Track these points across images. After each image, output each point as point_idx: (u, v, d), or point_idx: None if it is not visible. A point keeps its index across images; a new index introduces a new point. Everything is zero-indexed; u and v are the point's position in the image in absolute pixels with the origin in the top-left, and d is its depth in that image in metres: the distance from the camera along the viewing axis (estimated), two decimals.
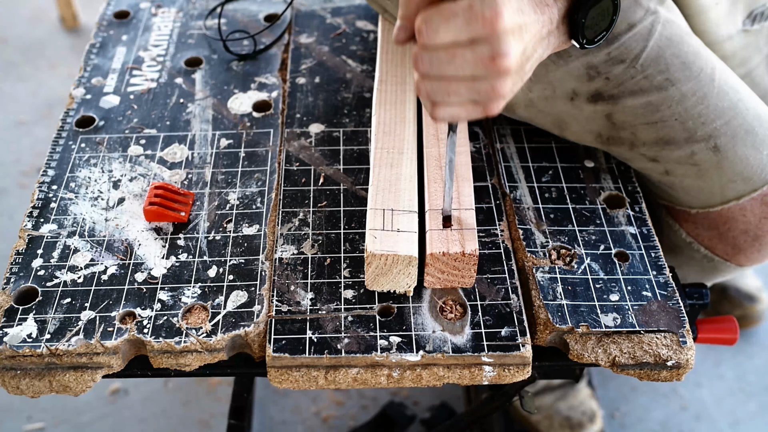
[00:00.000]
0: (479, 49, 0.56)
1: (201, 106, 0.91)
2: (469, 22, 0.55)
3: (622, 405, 1.29)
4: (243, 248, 0.75)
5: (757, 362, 1.35)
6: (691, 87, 0.75)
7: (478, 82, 0.58)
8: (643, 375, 0.68)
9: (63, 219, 0.77)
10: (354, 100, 0.91)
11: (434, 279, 0.70)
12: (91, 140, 0.86)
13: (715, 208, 0.79)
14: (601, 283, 0.72)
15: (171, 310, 0.69)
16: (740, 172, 0.76)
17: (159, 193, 0.77)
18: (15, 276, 0.72)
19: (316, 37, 1.01)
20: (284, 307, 0.70)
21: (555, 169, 0.83)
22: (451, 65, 0.57)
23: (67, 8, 2.04)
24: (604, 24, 0.66)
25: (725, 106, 0.75)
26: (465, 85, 0.58)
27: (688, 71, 0.75)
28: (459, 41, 0.56)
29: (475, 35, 0.55)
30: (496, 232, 0.77)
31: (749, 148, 0.76)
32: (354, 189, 0.81)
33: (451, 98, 0.59)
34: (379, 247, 0.67)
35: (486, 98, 0.59)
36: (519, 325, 0.68)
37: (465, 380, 0.68)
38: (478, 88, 0.58)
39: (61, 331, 0.67)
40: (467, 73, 0.57)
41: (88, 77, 0.95)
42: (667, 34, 0.75)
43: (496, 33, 0.55)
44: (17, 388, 0.68)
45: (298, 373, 0.67)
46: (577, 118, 0.80)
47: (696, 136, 0.75)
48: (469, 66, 0.57)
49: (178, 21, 1.04)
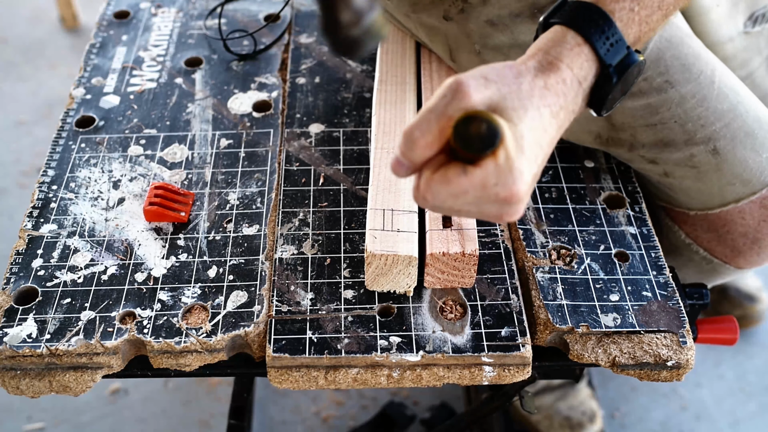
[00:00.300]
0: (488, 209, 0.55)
1: (201, 106, 0.91)
2: (479, 198, 0.53)
3: (622, 405, 1.29)
4: (243, 248, 0.75)
5: (757, 362, 1.35)
6: (690, 89, 0.75)
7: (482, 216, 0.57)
8: (643, 375, 0.68)
9: (63, 219, 0.77)
10: (354, 100, 0.91)
11: (434, 279, 0.70)
12: (91, 140, 0.86)
13: (714, 211, 0.79)
14: (601, 283, 0.72)
15: (171, 310, 0.69)
16: (739, 174, 0.76)
17: (159, 193, 0.77)
18: (15, 276, 0.72)
19: (316, 37, 1.01)
20: (284, 307, 0.70)
21: (555, 169, 0.83)
22: (455, 213, 0.56)
23: (67, 8, 2.04)
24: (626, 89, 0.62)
25: (725, 108, 0.75)
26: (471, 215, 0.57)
27: (687, 73, 0.75)
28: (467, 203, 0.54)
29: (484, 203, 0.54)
30: (496, 232, 0.77)
31: (749, 151, 0.76)
32: (354, 189, 0.81)
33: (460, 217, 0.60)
34: (379, 248, 0.68)
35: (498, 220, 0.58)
36: (519, 325, 0.68)
37: (465, 380, 0.68)
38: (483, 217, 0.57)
39: (61, 331, 0.67)
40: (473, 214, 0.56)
41: (88, 77, 0.95)
42: (666, 36, 0.75)
43: (509, 204, 0.54)
44: (17, 388, 0.68)
45: (298, 374, 0.67)
46: (576, 119, 0.80)
47: (695, 139, 0.75)
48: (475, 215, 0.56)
49: (178, 21, 1.04)
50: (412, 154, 0.54)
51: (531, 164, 0.54)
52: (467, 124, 0.51)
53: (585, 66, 0.57)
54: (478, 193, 0.53)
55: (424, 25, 0.85)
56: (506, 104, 0.54)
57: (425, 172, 0.54)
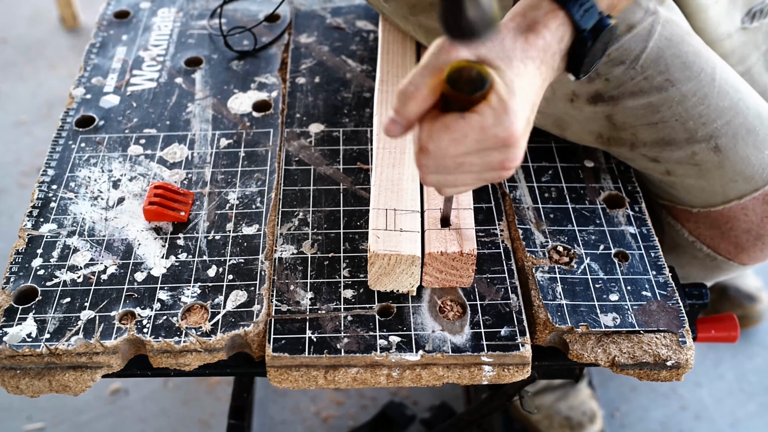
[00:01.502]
0: (489, 156, 0.57)
1: (201, 106, 0.91)
2: (480, 142, 0.55)
3: (622, 405, 1.29)
4: (243, 248, 0.75)
5: (757, 362, 1.35)
6: (691, 87, 0.75)
7: (486, 172, 0.59)
8: (643, 375, 0.68)
9: (63, 219, 0.77)
10: (354, 100, 0.91)
11: (432, 278, 0.70)
12: (91, 140, 0.86)
13: (717, 208, 0.79)
14: (600, 283, 0.72)
15: (170, 309, 0.69)
16: (741, 171, 0.76)
17: (159, 192, 0.77)
18: (15, 275, 0.72)
19: (316, 37, 1.01)
20: (284, 307, 0.70)
21: (555, 168, 0.83)
22: (458, 169, 0.58)
23: (67, 8, 2.04)
24: (599, 54, 0.65)
25: (726, 105, 0.75)
26: (473, 176, 0.59)
27: (688, 71, 0.75)
28: (468, 153, 0.57)
29: (486, 149, 0.56)
30: (495, 232, 0.77)
31: (750, 148, 0.76)
32: (354, 189, 0.81)
33: (459, 187, 0.62)
34: (382, 247, 0.67)
35: (494, 180, 0.61)
36: (518, 324, 0.68)
37: (464, 380, 0.68)
38: (486, 177, 0.60)
39: (61, 330, 0.67)
40: (474, 172, 0.59)
41: (88, 77, 0.95)
42: (666, 35, 0.75)
43: (508, 147, 0.56)
44: (17, 387, 0.68)
45: (298, 373, 0.67)
46: (577, 118, 0.80)
47: (697, 137, 0.75)
48: (477, 168, 0.58)
49: (178, 21, 1.04)
50: (406, 109, 0.56)
51: (523, 106, 0.56)
52: (459, 71, 0.55)
53: (561, 29, 0.61)
54: (478, 135, 0.55)
55: (422, 26, 0.85)
56: (492, 56, 0.57)
57: (425, 124, 0.56)
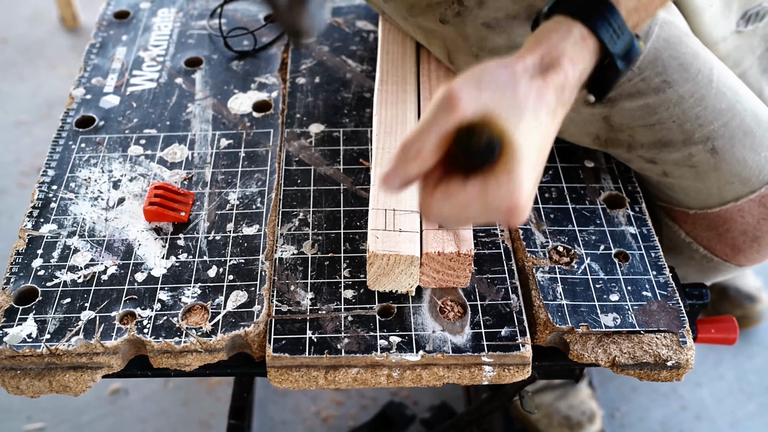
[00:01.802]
0: (493, 217, 0.54)
1: (201, 106, 0.91)
2: (482, 210, 0.53)
3: (622, 405, 1.29)
4: (243, 248, 0.75)
5: (757, 362, 1.35)
6: (688, 89, 0.74)
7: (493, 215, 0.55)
8: (643, 375, 0.68)
9: (63, 219, 0.77)
10: (354, 100, 0.91)
11: (429, 279, 0.70)
12: (91, 140, 0.86)
13: (714, 210, 0.79)
14: (601, 283, 0.72)
15: (171, 310, 0.69)
16: (738, 173, 0.76)
17: (159, 193, 0.77)
18: (15, 276, 0.72)
19: (316, 37, 1.01)
20: (284, 307, 0.70)
21: (555, 169, 0.83)
22: (463, 223, 0.56)
23: (67, 8, 2.04)
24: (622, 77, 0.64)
25: (723, 107, 0.75)
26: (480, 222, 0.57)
27: (685, 73, 0.75)
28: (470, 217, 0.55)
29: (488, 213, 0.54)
30: (496, 232, 0.77)
31: (747, 150, 0.76)
32: (354, 189, 0.81)
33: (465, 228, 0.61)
34: (381, 247, 0.68)
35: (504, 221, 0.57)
36: (519, 325, 0.69)
37: (465, 380, 0.68)
38: (494, 218, 0.56)
39: (61, 331, 0.67)
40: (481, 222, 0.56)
41: (88, 77, 0.95)
42: (664, 36, 0.75)
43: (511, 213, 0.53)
44: (17, 388, 0.68)
45: (298, 373, 0.67)
46: (574, 120, 0.80)
47: (694, 138, 0.75)
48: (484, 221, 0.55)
49: (178, 21, 1.04)
50: (407, 170, 0.54)
51: (530, 172, 0.53)
52: (469, 137, 0.51)
53: (587, 58, 0.57)
54: (480, 205, 0.53)
55: (421, 28, 0.85)
56: (501, 112, 0.53)
57: (426, 189, 0.55)
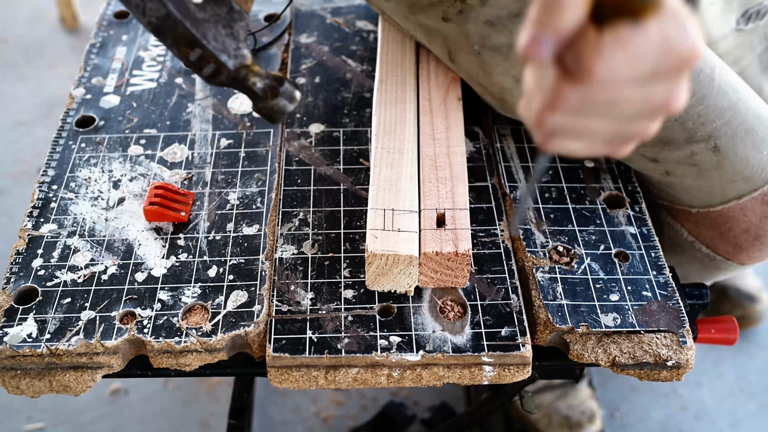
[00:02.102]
0: (655, 89, 0.43)
1: (201, 106, 0.91)
2: (660, 60, 0.41)
3: (622, 405, 1.29)
4: (243, 248, 0.75)
5: (757, 362, 1.35)
6: (690, 87, 0.74)
7: (629, 123, 0.45)
8: (643, 375, 0.68)
9: (63, 219, 0.77)
10: (354, 100, 0.91)
11: (427, 278, 0.70)
12: (91, 140, 0.86)
13: (716, 208, 0.79)
14: (601, 283, 0.72)
15: (171, 309, 0.69)
16: (740, 171, 0.76)
17: (159, 193, 0.77)
18: (15, 276, 0.72)
19: (316, 37, 1.01)
20: (284, 307, 0.70)
21: (555, 169, 0.83)
22: (607, 109, 0.43)
23: (67, 8, 2.04)
24: None
25: (725, 105, 0.75)
26: (611, 125, 0.44)
27: None
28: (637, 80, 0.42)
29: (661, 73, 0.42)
30: (496, 232, 0.77)
31: (749, 148, 0.76)
32: (354, 189, 0.81)
33: (584, 139, 0.45)
34: (380, 247, 0.68)
35: (626, 140, 0.46)
36: (519, 325, 0.68)
37: (465, 380, 0.68)
38: (625, 130, 0.45)
39: (61, 331, 0.67)
40: (621, 117, 0.44)
41: (88, 77, 0.95)
42: None
43: (684, 72, 0.42)
44: (17, 388, 0.68)
45: (298, 373, 0.67)
46: None
47: (696, 137, 0.75)
48: (632, 109, 0.43)
49: None
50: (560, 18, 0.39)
51: None
52: None
53: None
54: (659, 50, 0.40)
55: (422, 26, 0.85)
56: None
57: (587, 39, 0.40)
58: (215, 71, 0.62)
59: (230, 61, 0.61)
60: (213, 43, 0.60)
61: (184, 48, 0.60)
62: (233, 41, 0.61)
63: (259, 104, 0.65)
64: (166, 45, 0.61)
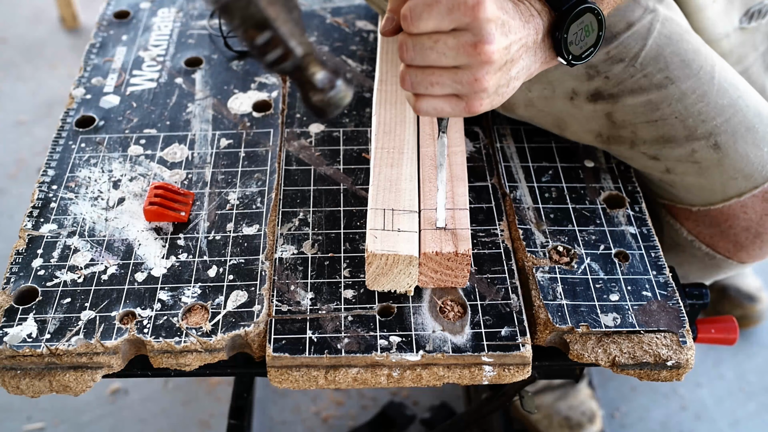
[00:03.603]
0: (462, 36, 0.57)
1: (201, 106, 0.91)
2: (451, 9, 0.56)
3: (622, 405, 1.29)
4: (243, 248, 0.75)
5: (757, 362, 1.35)
6: (690, 85, 0.75)
7: (460, 71, 0.58)
8: (643, 375, 0.68)
9: (63, 219, 0.77)
10: (354, 100, 0.91)
11: (427, 278, 0.70)
12: (91, 140, 0.86)
13: (717, 206, 0.79)
14: (601, 283, 0.72)
15: (171, 309, 0.69)
16: (741, 169, 0.76)
17: (159, 193, 0.77)
18: (15, 276, 0.72)
19: (316, 37, 1.01)
20: (284, 307, 0.70)
21: (555, 168, 0.83)
22: (434, 52, 0.58)
23: (67, 8, 2.04)
24: (591, 40, 0.65)
25: (725, 103, 0.75)
26: (448, 74, 0.59)
27: (687, 69, 0.75)
28: (442, 27, 0.57)
29: (457, 22, 0.57)
30: (496, 232, 0.77)
31: (750, 145, 0.76)
32: (354, 189, 0.81)
33: (434, 89, 0.60)
34: (380, 247, 0.67)
35: (469, 90, 0.59)
36: (519, 325, 0.68)
37: (465, 380, 0.68)
38: (461, 78, 0.59)
39: (61, 330, 0.67)
40: (450, 61, 0.58)
41: (88, 77, 0.95)
42: (666, 33, 0.75)
43: (478, 20, 0.56)
44: (17, 387, 0.68)
45: (298, 373, 0.67)
46: (576, 117, 0.80)
47: (696, 134, 0.75)
48: (452, 53, 0.58)
49: (178, 21, 1.04)
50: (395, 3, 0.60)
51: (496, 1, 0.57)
52: None
53: (537, 4, 0.63)
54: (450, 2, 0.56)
55: None
56: None
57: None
58: (281, 57, 0.58)
59: (298, 47, 0.58)
60: (283, 27, 0.57)
61: (252, 30, 0.56)
62: (299, 28, 0.59)
63: (315, 97, 0.61)
64: (230, 26, 0.57)
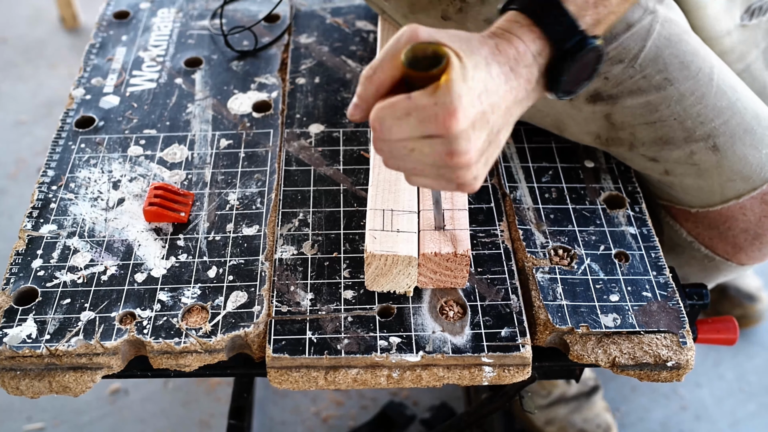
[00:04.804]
0: (435, 144, 0.55)
1: (201, 107, 0.91)
2: (422, 122, 0.54)
3: (622, 405, 1.29)
4: (243, 249, 0.75)
5: (757, 362, 1.35)
6: (689, 86, 0.75)
7: (441, 170, 0.57)
8: (643, 375, 0.68)
9: (63, 219, 0.77)
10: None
11: (426, 279, 0.70)
12: (91, 140, 0.86)
13: (715, 208, 0.79)
14: (601, 283, 0.72)
15: (171, 310, 0.69)
16: (739, 171, 0.76)
17: (159, 193, 0.77)
18: (15, 276, 0.72)
19: (316, 37, 1.01)
20: (284, 308, 0.70)
21: (555, 169, 0.83)
22: (411, 158, 0.57)
23: (67, 8, 2.05)
24: (585, 74, 0.63)
25: (724, 105, 0.75)
26: (430, 169, 0.57)
27: (686, 71, 0.75)
28: (413, 138, 0.55)
29: (429, 133, 0.54)
30: (496, 233, 0.77)
31: (748, 147, 0.76)
32: (354, 189, 0.81)
33: (420, 178, 0.59)
34: (379, 248, 0.67)
35: (456, 181, 0.58)
36: (519, 325, 0.68)
37: (465, 381, 0.68)
38: (443, 175, 0.57)
39: (61, 331, 0.67)
40: (429, 162, 0.56)
41: (88, 77, 0.95)
42: (665, 34, 0.75)
43: (450, 133, 0.54)
44: (17, 388, 0.68)
45: (298, 374, 0.67)
46: (575, 118, 0.80)
47: (695, 136, 0.75)
48: (428, 159, 0.56)
49: (178, 21, 1.04)
50: (366, 92, 0.56)
51: (473, 98, 0.54)
52: (415, 50, 0.55)
53: (538, 42, 0.59)
54: (419, 114, 0.53)
55: (422, 25, 0.85)
56: (455, 46, 0.55)
57: (377, 104, 0.56)
58: None
59: None
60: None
61: None
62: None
63: None
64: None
